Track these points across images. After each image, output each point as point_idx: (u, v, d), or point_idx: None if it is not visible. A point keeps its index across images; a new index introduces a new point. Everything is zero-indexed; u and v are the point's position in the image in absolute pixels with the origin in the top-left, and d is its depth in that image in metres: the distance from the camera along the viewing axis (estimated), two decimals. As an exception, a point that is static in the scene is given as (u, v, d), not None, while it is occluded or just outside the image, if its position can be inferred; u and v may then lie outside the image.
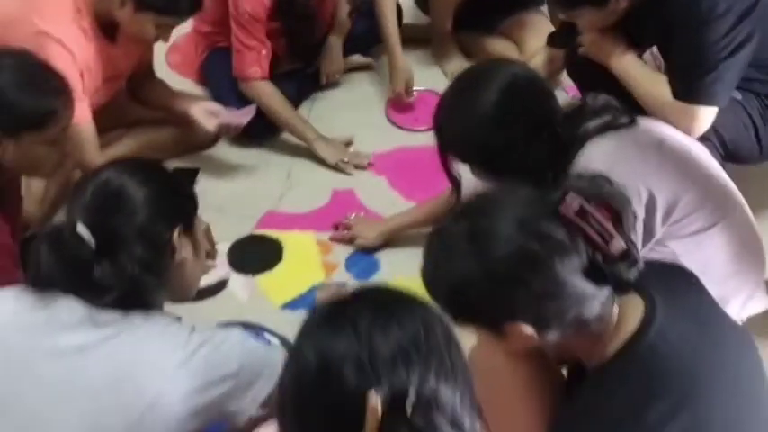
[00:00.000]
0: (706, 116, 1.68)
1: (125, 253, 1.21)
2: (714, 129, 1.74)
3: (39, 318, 1.21)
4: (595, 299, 1.06)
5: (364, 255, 2.04)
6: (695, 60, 1.66)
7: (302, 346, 0.90)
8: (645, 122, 1.57)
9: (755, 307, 1.63)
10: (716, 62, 1.64)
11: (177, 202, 1.32)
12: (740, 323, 1.59)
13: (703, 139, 1.72)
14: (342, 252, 2.06)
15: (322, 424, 0.88)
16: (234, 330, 1.37)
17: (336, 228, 2.13)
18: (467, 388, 0.91)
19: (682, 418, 1.04)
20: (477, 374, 1.20)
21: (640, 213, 1.44)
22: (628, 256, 1.06)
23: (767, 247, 1.65)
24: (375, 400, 0.83)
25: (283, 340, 1.73)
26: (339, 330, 0.88)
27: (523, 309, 1.05)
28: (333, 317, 0.92)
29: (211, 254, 1.49)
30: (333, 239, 2.10)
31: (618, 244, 1.05)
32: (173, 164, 2.26)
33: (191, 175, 2.28)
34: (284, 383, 0.91)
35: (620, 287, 1.11)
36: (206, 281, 1.84)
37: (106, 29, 2.01)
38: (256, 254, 2.05)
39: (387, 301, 0.94)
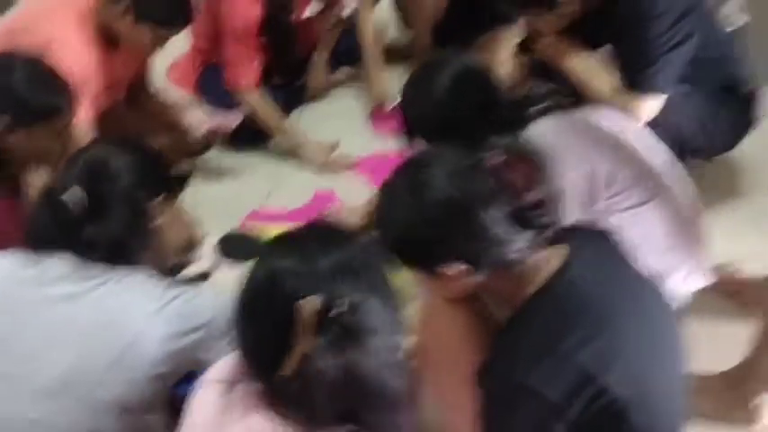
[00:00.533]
0: (650, 105, 1.85)
1: (111, 214, 1.37)
2: (664, 119, 1.89)
3: (32, 272, 1.37)
4: (517, 242, 1.19)
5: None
6: (638, 54, 1.83)
7: (256, 265, 1.06)
8: (585, 110, 1.73)
9: (698, 282, 1.74)
10: (657, 56, 1.81)
11: (158, 173, 1.48)
12: (686, 297, 1.73)
13: (654, 127, 1.87)
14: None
15: (270, 327, 1.02)
16: (207, 291, 1.51)
17: None
18: (392, 307, 1.05)
19: (594, 345, 1.15)
20: (424, 323, 1.36)
21: (582, 184, 1.58)
22: (545, 203, 1.19)
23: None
24: (313, 302, 0.98)
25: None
26: (287, 252, 1.04)
27: (454, 249, 1.19)
28: (283, 243, 1.08)
29: (195, 241, 1.66)
30: None
31: (536, 193, 1.19)
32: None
33: (183, 177, 2.45)
34: (239, 298, 1.06)
35: (544, 239, 1.24)
36: (193, 270, 2.03)
37: (108, 39, 2.18)
38: (242, 245, 2.19)
39: (330, 231, 1.09)
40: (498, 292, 1.28)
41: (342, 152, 2.54)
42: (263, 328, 1.03)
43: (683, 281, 1.70)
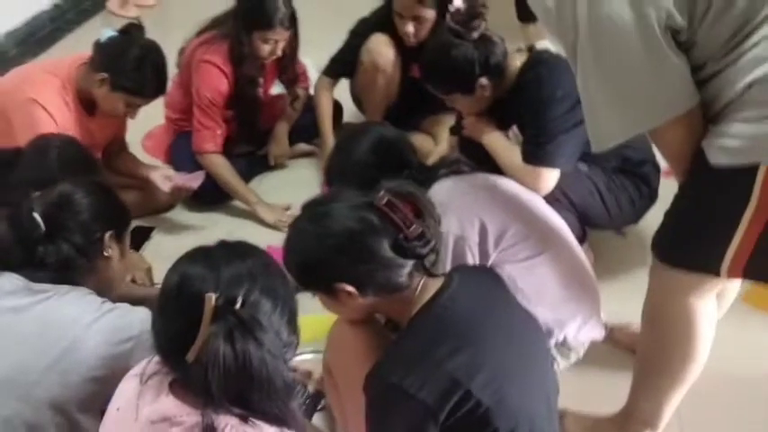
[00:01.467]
0: (548, 177, 2.09)
1: (66, 239, 1.60)
2: (563, 193, 2.16)
3: None
4: (402, 268, 1.42)
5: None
6: (539, 133, 2.10)
7: (170, 271, 1.28)
8: (486, 174, 1.99)
9: (592, 334, 1.96)
10: (555, 134, 2.08)
11: (114, 214, 1.72)
12: (582, 347, 1.94)
13: (554, 200, 2.12)
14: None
15: (179, 321, 1.22)
16: (140, 308, 1.64)
17: None
18: (286, 309, 1.27)
19: (462, 355, 1.35)
20: (333, 343, 1.58)
21: (474, 238, 1.83)
22: (423, 236, 1.43)
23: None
24: (211, 298, 1.19)
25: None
26: (197, 261, 1.27)
27: (346, 271, 1.43)
28: (195, 254, 1.30)
29: (148, 279, 1.89)
30: None
31: (416, 228, 1.42)
32: (133, 223, 2.66)
33: (147, 231, 2.70)
34: (157, 299, 1.28)
35: (429, 270, 1.48)
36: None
37: (86, 105, 2.46)
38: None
39: (236, 246, 1.32)
40: (388, 314, 1.51)
41: (294, 214, 2.78)
42: (174, 322, 1.23)
43: (578, 330, 1.91)
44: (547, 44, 3.42)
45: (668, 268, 1.60)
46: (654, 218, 2.36)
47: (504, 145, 2.21)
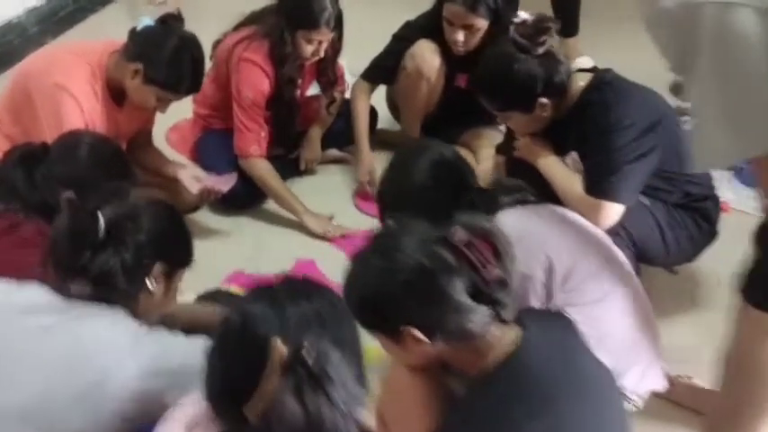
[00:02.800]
0: (611, 211, 1.95)
1: (117, 253, 1.44)
2: (623, 227, 2.01)
3: (11, 299, 1.44)
4: (475, 314, 1.29)
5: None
6: (603, 162, 1.96)
7: (231, 312, 1.15)
8: (554, 206, 1.86)
9: (654, 384, 1.81)
10: (620, 164, 1.94)
11: (175, 248, 1.57)
12: (641, 399, 1.80)
13: (614, 234, 1.97)
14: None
15: (239, 367, 1.10)
16: (182, 337, 1.51)
17: None
18: (354, 358, 1.14)
19: (538, 422, 1.23)
20: (389, 390, 1.45)
21: (540, 277, 1.69)
22: (502, 280, 1.30)
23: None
24: (279, 345, 1.07)
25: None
26: (260, 300, 1.14)
27: (415, 313, 1.29)
28: (257, 293, 1.17)
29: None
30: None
31: (493, 270, 1.29)
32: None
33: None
34: (214, 339, 1.15)
35: (502, 317, 1.35)
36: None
37: (115, 94, 2.32)
38: (222, 301, 2.25)
39: (301, 284, 1.19)
40: (455, 364, 1.37)
41: (340, 224, 2.66)
42: (233, 368, 1.11)
43: (639, 379, 1.76)
44: (586, 60, 3.32)
45: (763, 313, 1.48)
46: (707, 254, 2.27)
47: (562, 171, 2.08)
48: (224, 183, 2.51)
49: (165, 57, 2.23)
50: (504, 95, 2.08)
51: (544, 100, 2.02)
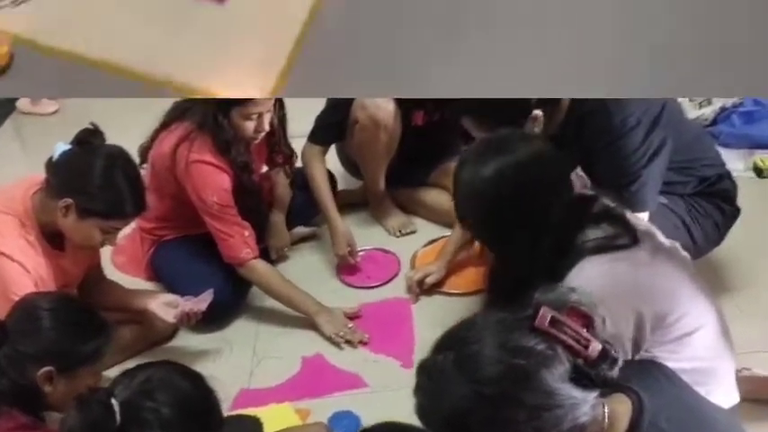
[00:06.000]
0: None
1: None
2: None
3: None
4: (586, 403, 1.08)
5: (345, 414, 2.00)
6: (619, 172, 1.79)
7: None
8: (646, 248, 1.54)
9: (733, 398, 1.59)
10: (638, 170, 1.78)
11: (203, 415, 1.37)
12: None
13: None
14: (321, 415, 2.01)
15: None
16: None
17: None
18: None
19: None
20: None
21: (629, 334, 1.46)
22: (607, 356, 1.10)
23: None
24: None
25: None
26: None
27: (522, 426, 1.07)
28: None
29: None
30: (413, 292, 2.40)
31: (595, 346, 1.09)
32: (133, 362, 2.22)
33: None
34: None
35: (606, 388, 1.14)
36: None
37: (52, 239, 2.02)
38: (240, 427, 1.99)
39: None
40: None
41: (340, 309, 2.39)
42: None
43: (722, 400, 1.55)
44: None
45: None
46: (731, 236, 2.13)
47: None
48: (202, 302, 2.22)
49: (95, 182, 1.93)
50: (498, 111, 1.83)
51: (538, 113, 1.83)
